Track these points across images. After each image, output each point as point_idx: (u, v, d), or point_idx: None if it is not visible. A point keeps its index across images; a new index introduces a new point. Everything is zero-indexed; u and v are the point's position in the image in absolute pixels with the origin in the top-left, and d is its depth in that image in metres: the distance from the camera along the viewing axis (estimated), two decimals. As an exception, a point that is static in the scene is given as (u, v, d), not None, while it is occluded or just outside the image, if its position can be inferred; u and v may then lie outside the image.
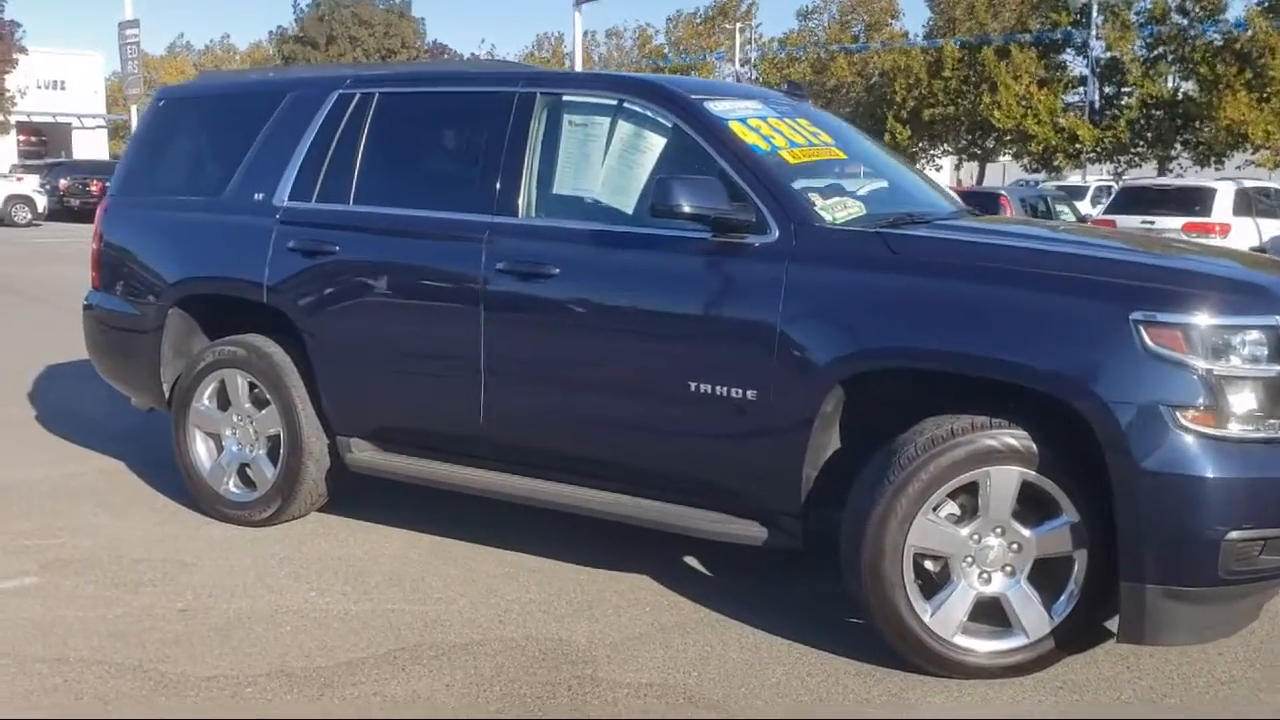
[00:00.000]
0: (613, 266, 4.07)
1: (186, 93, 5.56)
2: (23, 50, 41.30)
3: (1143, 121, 36.48)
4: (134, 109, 30.64)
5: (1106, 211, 16.67)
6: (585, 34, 36.41)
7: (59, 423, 6.94)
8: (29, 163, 42.93)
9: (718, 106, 4.17)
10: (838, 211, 3.89)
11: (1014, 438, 3.41)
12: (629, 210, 4.15)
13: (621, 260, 4.06)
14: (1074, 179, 39.13)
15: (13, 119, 46.64)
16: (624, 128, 4.19)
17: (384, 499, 5.10)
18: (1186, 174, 33.48)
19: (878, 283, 3.61)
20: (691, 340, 3.89)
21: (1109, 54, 36.48)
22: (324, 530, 4.98)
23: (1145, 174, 35.34)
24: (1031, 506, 3.50)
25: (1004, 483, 3.44)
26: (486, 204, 4.34)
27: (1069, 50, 38.83)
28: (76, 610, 4.06)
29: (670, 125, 4.11)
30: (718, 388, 3.81)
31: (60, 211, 33.32)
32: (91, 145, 54.06)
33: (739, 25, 48.58)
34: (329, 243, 4.65)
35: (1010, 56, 38.08)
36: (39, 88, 50.72)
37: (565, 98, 4.37)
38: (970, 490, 3.51)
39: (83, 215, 32.61)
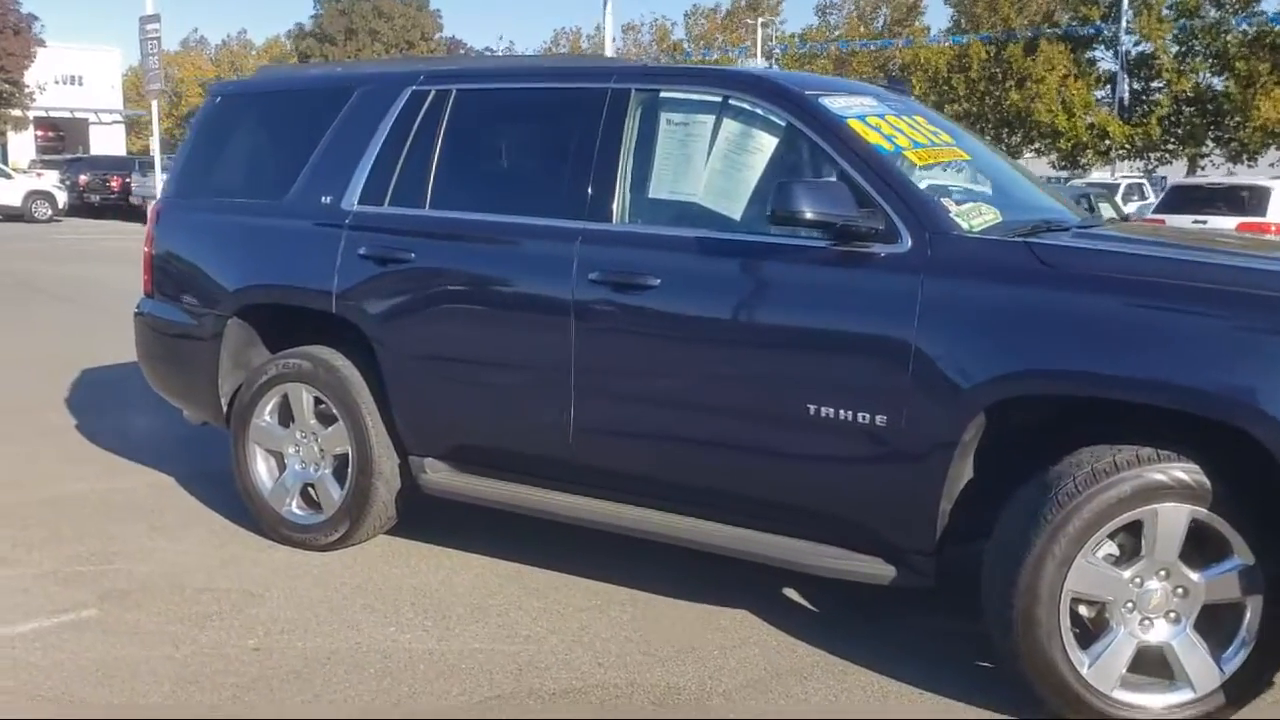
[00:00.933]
0: (720, 277, 3.75)
1: (245, 89, 5.24)
2: (41, 44, 41.11)
3: (1173, 118, 35.99)
4: (154, 105, 30.43)
5: (1156, 210, 16.27)
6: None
7: (101, 432, 6.65)
8: (47, 158, 42.81)
9: (835, 103, 3.84)
10: (973, 218, 3.56)
11: (1184, 472, 3.08)
12: (735, 216, 3.83)
13: (730, 270, 3.74)
14: (1097, 175, 38.64)
15: (31, 114, 46.54)
16: (730, 126, 3.87)
17: (453, 520, 4.80)
18: (1212, 172, 32.96)
19: (1030, 298, 3.28)
20: (811, 360, 3.57)
21: (1139, 48, 35.97)
22: (394, 556, 4.67)
23: (1174, 171, 34.84)
24: (1198, 547, 3.16)
25: (1172, 522, 3.11)
26: (576, 209, 4.02)
27: (1098, 45, 38.34)
28: (141, 648, 3.75)
29: (783, 124, 3.78)
30: (842, 412, 3.49)
31: (80, 207, 33.18)
32: (109, 141, 54.08)
33: (762, 20, 48.16)
34: (403, 250, 4.33)
35: (1038, 51, 37.61)
36: (56, 83, 50.68)
37: (663, 94, 4.04)
38: (1132, 529, 3.17)
39: (103, 211, 32.59)
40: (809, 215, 3.42)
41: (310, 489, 4.74)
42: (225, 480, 5.42)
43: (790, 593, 4.31)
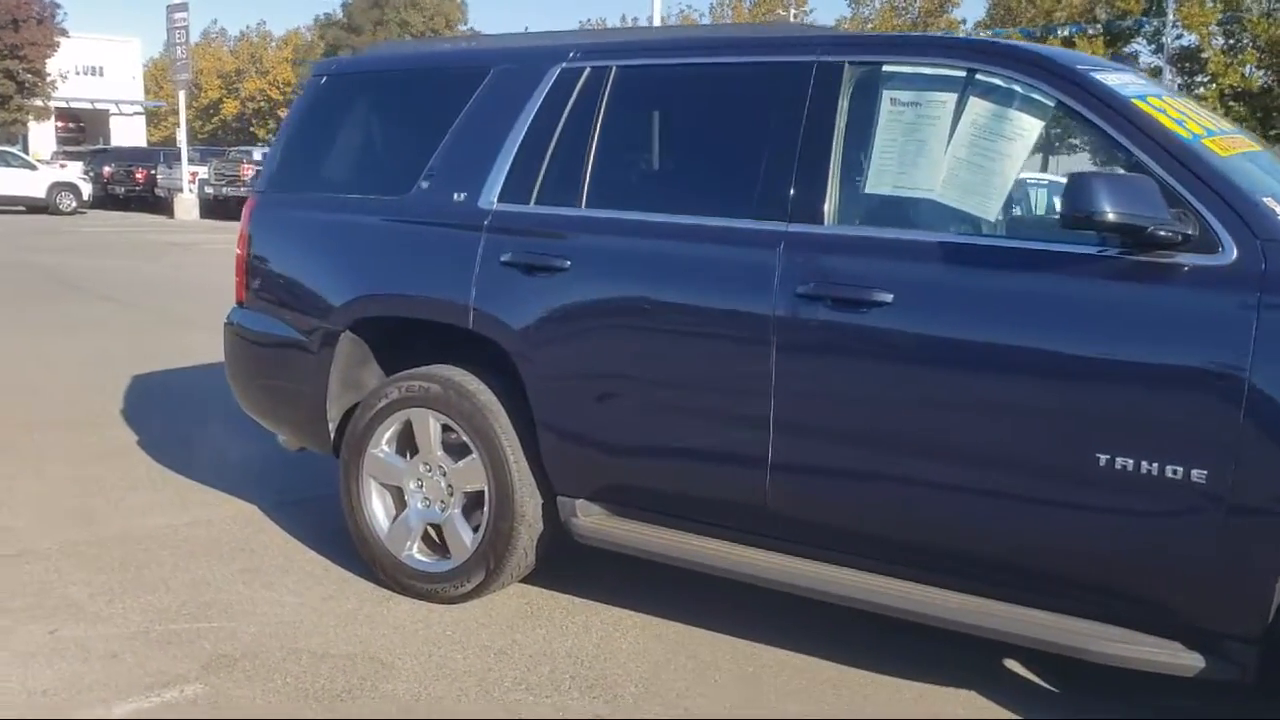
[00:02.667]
0: (974, 293, 3.06)
1: (356, 68, 4.56)
2: (64, 33, 40.55)
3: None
4: (181, 95, 29.84)
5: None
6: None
7: (167, 451, 5.99)
8: (69, 149, 42.34)
9: (1109, 79, 3.14)
10: (1305, 223, 2.86)
11: None
12: (987, 216, 3.14)
13: (988, 284, 3.05)
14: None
15: (51, 105, 46.02)
16: (978, 107, 3.18)
17: (586, 564, 4.11)
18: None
19: None
20: (1103, 399, 2.88)
21: (1179, 42, 35.11)
22: (534, 610, 4.00)
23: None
24: None
25: None
26: (777, 208, 3.34)
27: (1138, 40, 37.49)
28: (266, 740, 3.08)
29: (1051, 104, 3.10)
30: (1145, 464, 2.81)
31: (104, 199, 32.66)
32: (129, 132, 53.63)
33: (794, 10, 47.42)
34: (557, 256, 3.66)
35: (1075, 47, 36.76)
36: (77, 73, 50.23)
37: (886, 68, 3.35)
38: None
39: (127, 203, 32.08)
40: (1111, 217, 2.74)
41: (435, 530, 4.06)
42: (318, 511, 4.84)
43: (1013, 664, 3.63)
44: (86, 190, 30.45)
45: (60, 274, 14.70)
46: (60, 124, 51.84)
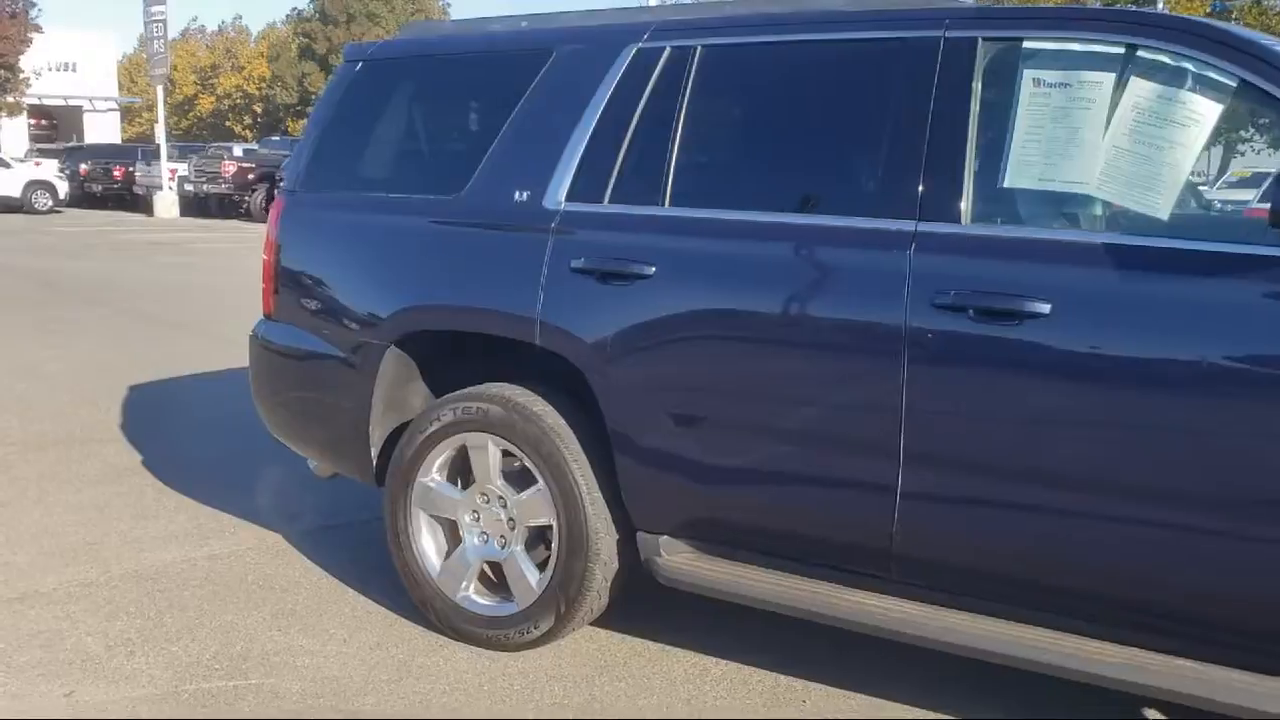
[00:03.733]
0: (1152, 303, 2.64)
1: (395, 51, 4.09)
2: (37, 29, 39.68)
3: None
4: (160, 90, 29.17)
5: (1261, 200, 15.15)
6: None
7: (177, 472, 5.53)
8: (43, 146, 41.50)
9: (1292, 54, 2.72)
10: None
11: None
12: (1160, 214, 2.72)
13: (1170, 293, 2.63)
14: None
15: (24, 101, 45.13)
16: (1142, 88, 2.76)
17: (666, 601, 3.68)
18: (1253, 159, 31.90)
19: None
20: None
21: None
22: (610, 659, 3.58)
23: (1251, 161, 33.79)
24: None
25: None
26: (901, 204, 2.92)
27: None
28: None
29: (1233, 84, 2.67)
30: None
31: (81, 197, 31.95)
32: (103, 129, 52.72)
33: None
34: (638, 261, 3.22)
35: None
36: (50, 69, 49.33)
37: (1028, 44, 2.93)
38: None
39: (104, 202, 31.41)
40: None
41: (493, 569, 3.62)
42: (351, 540, 4.43)
43: (1155, 717, 3.21)
44: (63, 188, 29.76)
45: (42, 276, 14.15)
46: (33, 121, 50.89)
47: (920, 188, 2.91)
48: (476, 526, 3.64)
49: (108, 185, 32.27)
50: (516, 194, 3.50)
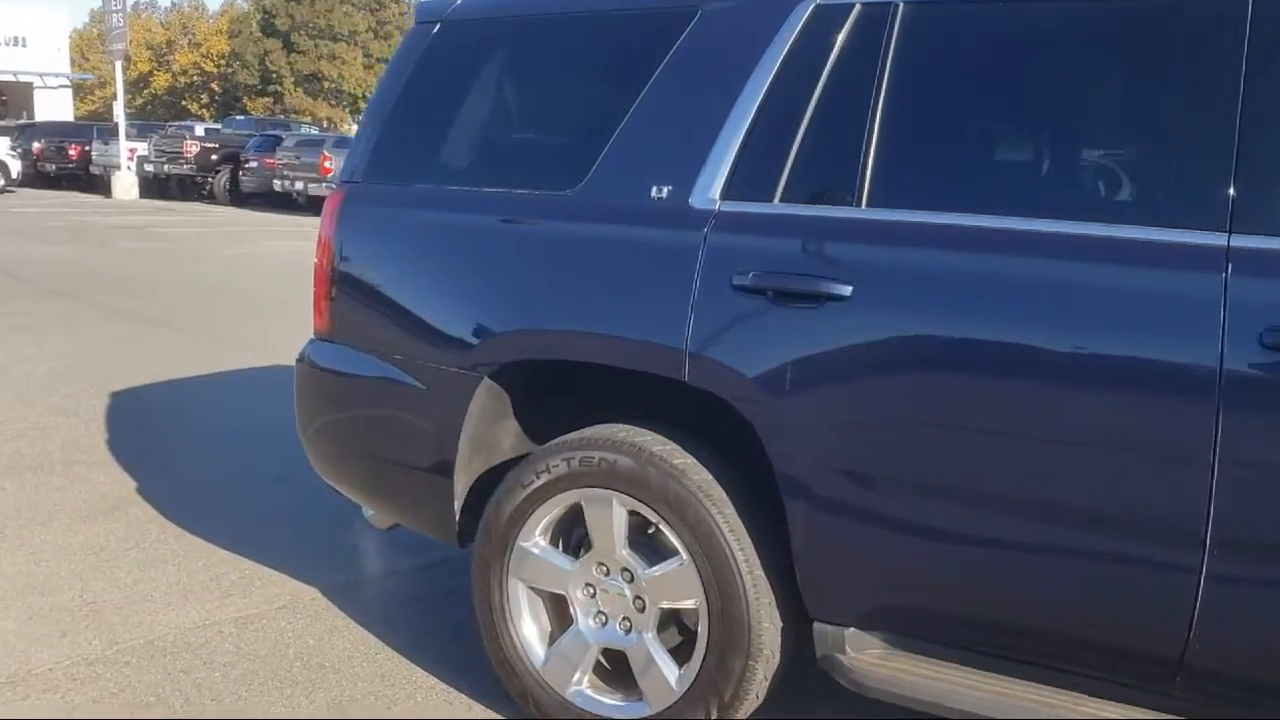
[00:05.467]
0: None
1: (485, 9, 3.29)
2: (-13, 2, 38.13)
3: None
4: (118, 66, 27.98)
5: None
6: None
7: (181, 503, 4.76)
8: (-8, 124, 39.97)
9: None
10: None
11: None
12: None
13: None
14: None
15: (-28, 77, 43.54)
16: None
17: (818, 684, 2.96)
18: None
19: None
20: None
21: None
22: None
23: None
24: None
25: None
26: (1207, 211, 2.19)
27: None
28: None
29: None
30: None
31: (34, 177, 30.70)
32: (55, 105, 51.06)
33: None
34: (829, 278, 2.49)
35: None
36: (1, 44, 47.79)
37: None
38: None
39: (58, 182, 30.24)
40: None
41: (612, 656, 2.90)
42: (404, 597, 3.76)
43: None
44: (15, 167, 28.51)
45: (2, 264, 13.15)
46: (-20, 97, 49.30)
47: (1232, 191, 2.19)
48: (592, 605, 2.91)
49: (62, 165, 31.00)
50: (654, 190, 2.76)
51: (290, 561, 4.16)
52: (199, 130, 30.24)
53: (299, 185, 23.88)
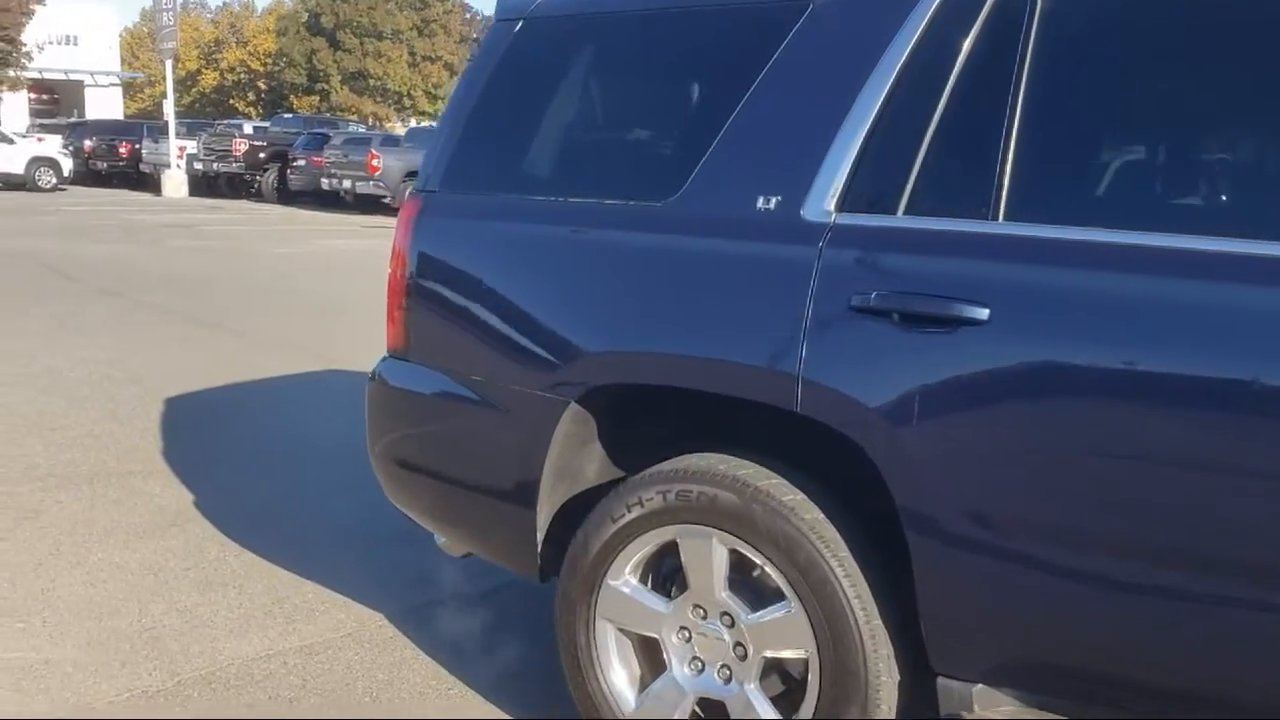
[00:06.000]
0: None
1: (571, 5, 3.07)
2: (40, 1, 38.52)
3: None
4: (169, 65, 28.12)
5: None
6: None
7: (239, 518, 4.60)
8: (44, 122, 40.36)
9: None
10: None
11: None
12: None
13: None
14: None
15: (25, 76, 43.95)
16: None
17: None
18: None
19: None
20: None
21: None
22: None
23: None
24: None
25: None
26: None
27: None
28: None
29: None
30: None
31: (85, 175, 30.96)
32: (105, 104, 51.66)
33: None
34: (963, 300, 2.26)
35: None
36: (50, 43, 48.26)
37: None
38: None
39: (109, 179, 30.46)
40: None
41: (708, 706, 2.66)
42: (476, 625, 3.64)
43: None
44: (67, 166, 28.74)
45: (50, 262, 13.16)
46: (33, 95, 49.83)
47: None
48: (687, 650, 2.68)
49: (113, 163, 31.24)
50: (760, 200, 2.52)
51: (354, 584, 3.97)
52: (247, 128, 30.32)
53: (346, 184, 23.86)
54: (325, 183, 24.35)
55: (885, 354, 2.35)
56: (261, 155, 27.15)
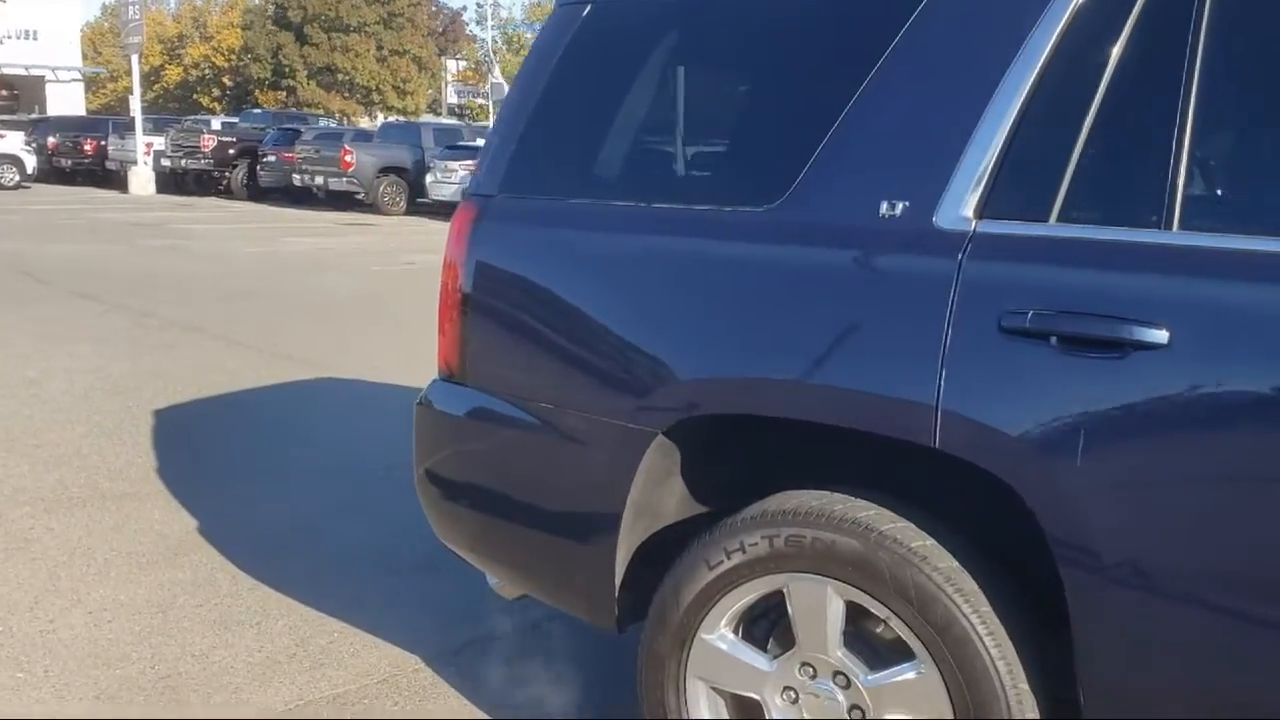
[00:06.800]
0: None
1: None
2: (0, -4, 37.65)
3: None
4: (135, 59, 27.49)
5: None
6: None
7: (250, 545, 4.27)
8: (4, 118, 39.47)
9: None
10: None
11: None
12: None
13: None
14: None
15: (-16, 70, 43.06)
16: None
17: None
18: None
19: None
20: None
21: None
22: None
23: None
24: None
25: None
26: None
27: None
28: None
29: None
30: None
31: (49, 172, 30.23)
32: (66, 100, 50.66)
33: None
34: (1134, 320, 1.98)
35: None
36: (10, 37, 47.29)
37: None
38: None
39: (74, 177, 29.80)
40: None
41: (816, 772, 2.37)
42: (528, 669, 3.22)
43: None
44: (31, 163, 28.05)
45: (18, 264, 12.68)
46: (-9, 91, 48.88)
47: None
48: (793, 713, 2.39)
49: (78, 160, 30.54)
50: (883, 206, 2.21)
51: (381, 620, 3.64)
52: (216, 124, 29.70)
53: (319, 180, 23.40)
54: (297, 179, 23.87)
55: (1042, 382, 2.05)
56: (231, 151, 26.59)
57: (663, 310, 2.44)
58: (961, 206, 2.16)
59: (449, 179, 21.92)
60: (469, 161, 21.66)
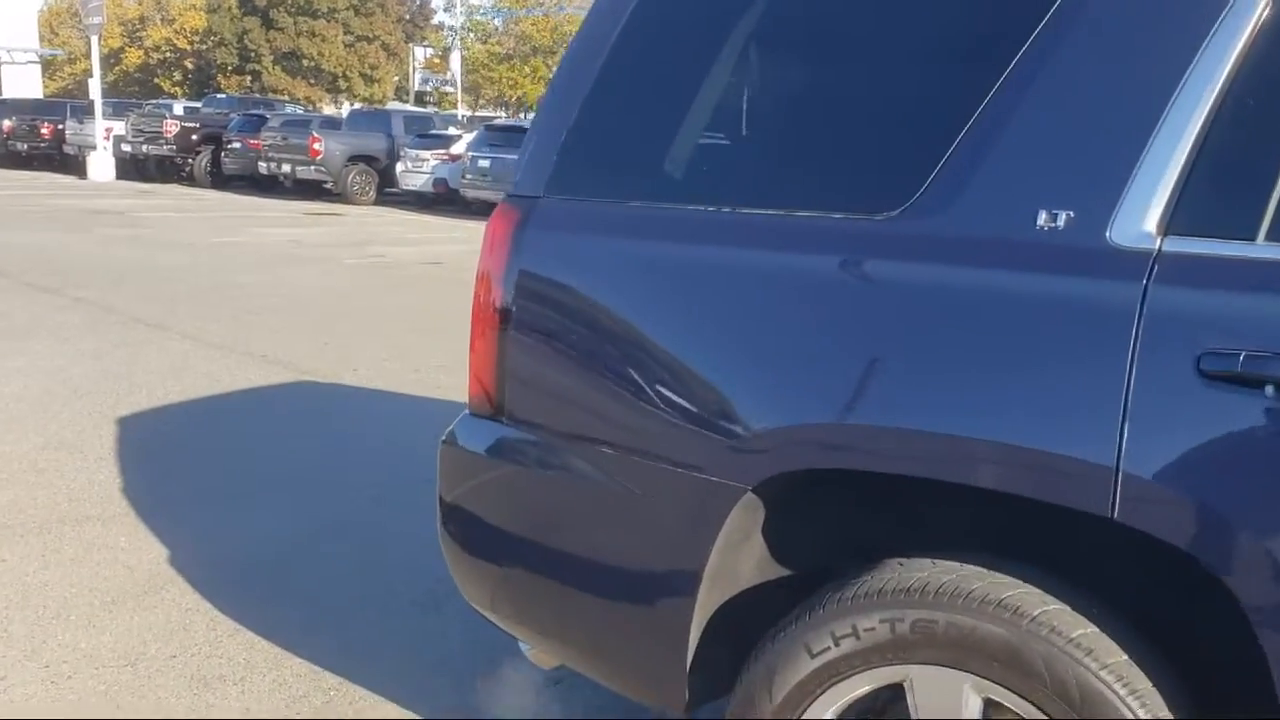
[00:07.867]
0: None
1: None
2: (-47, -27, 36.55)
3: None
4: (95, 40, 26.69)
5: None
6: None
7: (227, 581, 3.82)
8: (-44, 101, 38.44)
9: None
10: None
11: None
12: None
13: None
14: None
15: (-63, 52, 41.89)
16: None
17: None
18: None
19: None
20: None
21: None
22: None
23: None
24: None
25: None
26: None
27: None
28: None
29: None
30: None
31: (4, 156, 29.39)
32: (22, 82, 49.49)
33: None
34: None
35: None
36: (-36, 18, 46.24)
37: None
38: None
39: (30, 161, 29.00)
40: None
41: None
42: None
43: None
44: (-15, 148, 27.16)
45: (-25, 254, 12.03)
46: (-55, 74, 47.74)
47: None
48: (913, 825, 1.94)
49: (34, 144, 29.67)
50: (1041, 216, 1.79)
51: (381, 670, 3.20)
52: (178, 109, 28.92)
53: (285, 168, 22.78)
54: (263, 166, 23.21)
55: (1257, 441, 1.62)
56: (194, 137, 25.84)
57: (755, 339, 2.00)
58: (1142, 220, 1.74)
59: (420, 168, 21.39)
60: (441, 150, 21.14)
